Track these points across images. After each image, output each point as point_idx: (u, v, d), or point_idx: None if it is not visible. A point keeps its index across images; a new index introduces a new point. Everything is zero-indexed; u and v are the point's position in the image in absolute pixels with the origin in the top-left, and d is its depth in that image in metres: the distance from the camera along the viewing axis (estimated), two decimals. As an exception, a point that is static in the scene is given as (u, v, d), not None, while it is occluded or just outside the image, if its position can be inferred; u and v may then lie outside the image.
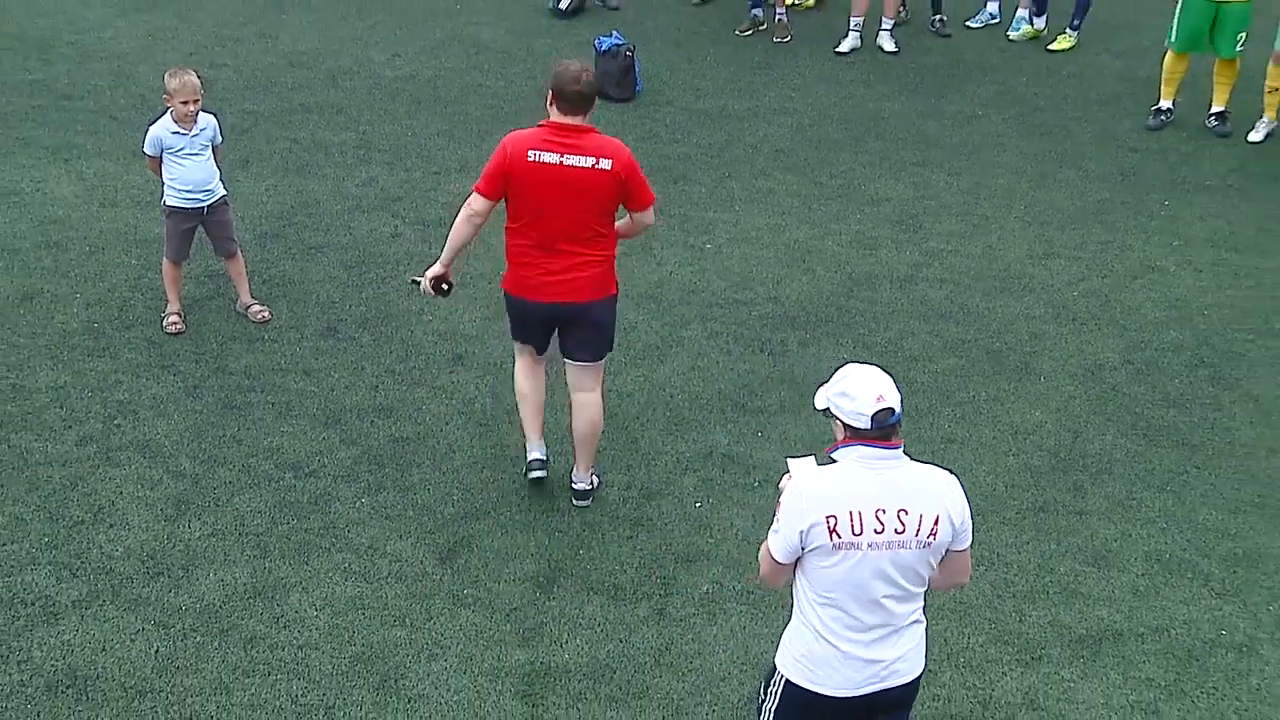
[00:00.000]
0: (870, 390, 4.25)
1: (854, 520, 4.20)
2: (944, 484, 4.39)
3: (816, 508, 4.21)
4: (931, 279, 8.90)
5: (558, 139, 6.29)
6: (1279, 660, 6.11)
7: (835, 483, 4.27)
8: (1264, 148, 10.61)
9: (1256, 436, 7.53)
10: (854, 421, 4.25)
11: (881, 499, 4.23)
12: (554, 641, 6.11)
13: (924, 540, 4.26)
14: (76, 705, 5.70)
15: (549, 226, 6.40)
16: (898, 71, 11.87)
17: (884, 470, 4.28)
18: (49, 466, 7.05)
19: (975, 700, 5.87)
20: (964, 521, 4.37)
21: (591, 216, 6.39)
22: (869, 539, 4.21)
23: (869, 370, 4.34)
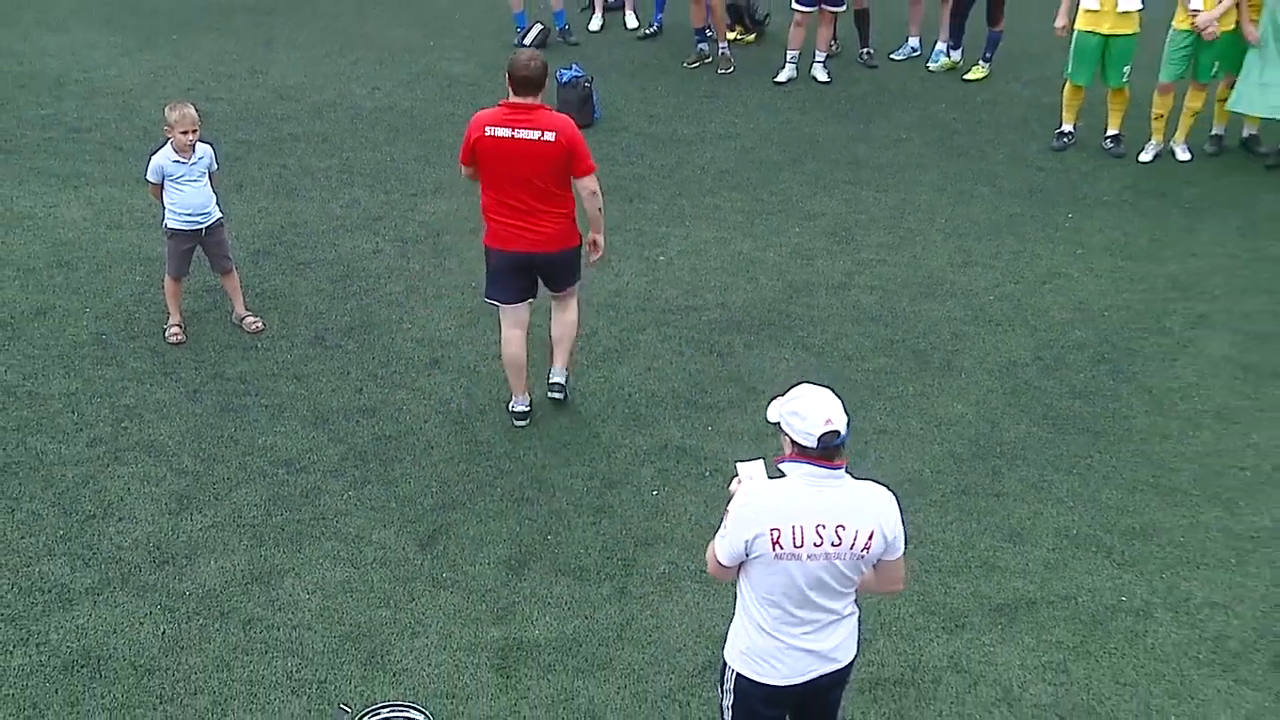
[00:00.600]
0: (820, 413, 4.19)
1: (795, 533, 4.19)
2: (880, 501, 4.33)
3: (762, 520, 4.20)
4: (863, 286, 8.91)
5: (511, 116, 6.85)
6: (1171, 622, 6.16)
7: (780, 497, 4.24)
8: (1153, 167, 10.66)
9: (1151, 424, 7.57)
10: (802, 440, 4.20)
11: (822, 515, 4.20)
12: (525, 619, 6.10)
13: (858, 553, 4.25)
14: (91, 683, 5.68)
15: (509, 188, 6.96)
16: (830, 99, 11.89)
17: (825, 488, 4.23)
18: (62, 466, 7.01)
19: (905, 665, 5.90)
20: (896, 536, 4.33)
21: (544, 179, 6.91)
22: (808, 550, 4.20)
23: (821, 393, 4.28)
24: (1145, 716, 5.66)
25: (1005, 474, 7.15)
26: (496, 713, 5.61)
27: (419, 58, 12.57)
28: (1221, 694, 5.79)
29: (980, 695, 5.75)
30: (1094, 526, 6.77)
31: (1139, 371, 8.05)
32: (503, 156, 6.86)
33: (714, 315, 8.53)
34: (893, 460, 7.22)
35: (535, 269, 7.21)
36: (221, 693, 5.67)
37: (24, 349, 7.97)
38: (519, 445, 7.27)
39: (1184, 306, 8.72)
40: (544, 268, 7.22)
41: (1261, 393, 7.84)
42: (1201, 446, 7.38)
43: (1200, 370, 8.06)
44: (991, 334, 8.41)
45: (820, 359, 8.08)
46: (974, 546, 6.62)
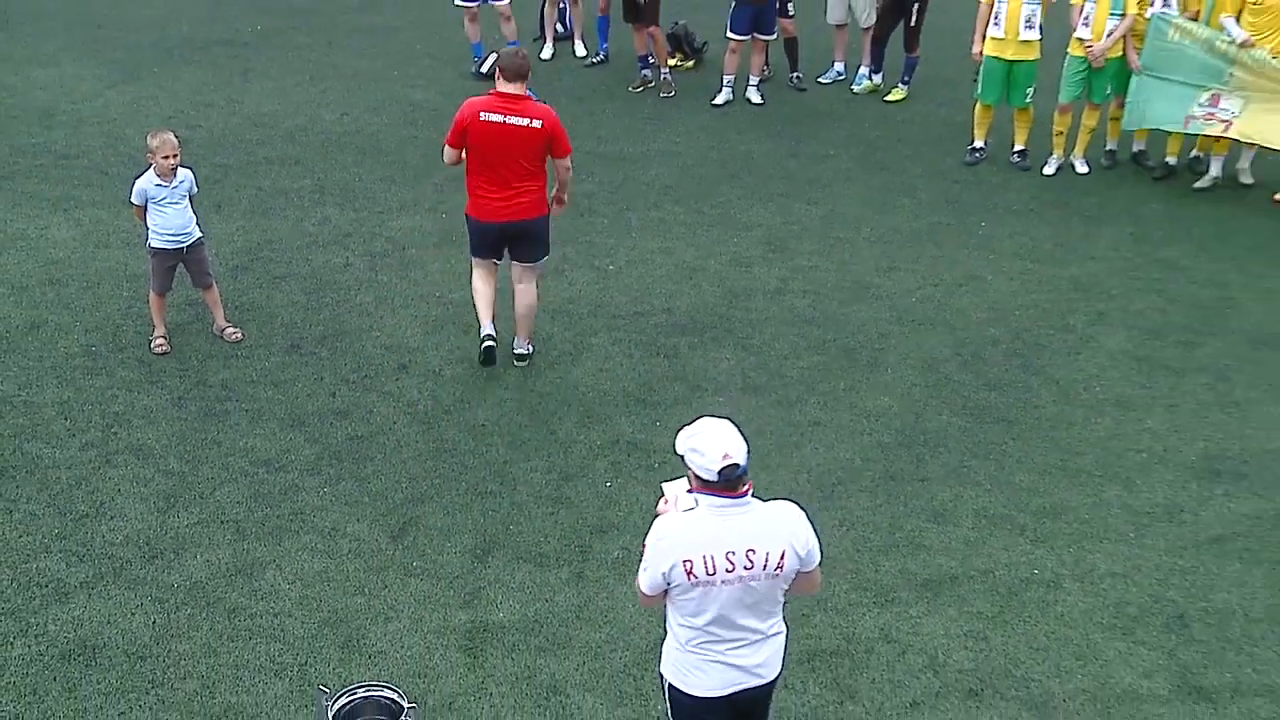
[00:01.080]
0: (718, 448, 4.07)
1: (707, 562, 4.10)
2: (789, 521, 4.24)
3: (675, 552, 4.12)
4: (797, 290, 8.94)
5: (502, 103, 7.30)
6: (1078, 591, 6.23)
7: (690, 529, 4.15)
8: (1055, 179, 10.75)
9: (1059, 412, 7.63)
10: (703, 475, 4.10)
11: (730, 543, 4.11)
12: (490, 603, 6.09)
13: (772, 573, 4.16)
14: (87, 670, 5.63)
15: (496, 166, 7.38)
16: (763, 119, 11.92)
17: (731, 517, 4.13)
18: (57, 469, 6.93)
19: (841, 637, 5.93)
20: (809, 550, 4.24)
21: (527, 160, 7.39)
22: (721, 577, 4.12)
23: (720, 427, 4.16)
24: (1056, 677, 5.72)
25: (928, 460, 7.19)
26: (465, 690, 5.60)
27: (384, 86, 12.50)
28: (1122, 654, 5.86)
29: (909, 663, 5.79)
30: (1009, 507, 6.83)
31: (1047, 365, 8.12)
32: (494, 138, 7.28)
33: (660, 320, 8.53)
34: (826, 450, 7.25)
35: (509, 237, 7.61)
36: (209, 677, 5.63)
37: (19, 361, 7.87)
38: (481, 442, 7.25)
39: (1085, 305, 8.81)
40: (517, 234, 7.59)
41: (1154, 383, 7.93)
42: (1103, 432, 7.46)
43: (1100, 363, 8.14)
44: (914, 333, 8.45)
45: (759, 358, 8.11)
46: (901, 527, 6.66)
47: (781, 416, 7.54)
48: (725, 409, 7.44)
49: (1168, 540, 6.59)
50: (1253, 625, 6.04)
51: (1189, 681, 5.72)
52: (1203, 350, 8.28)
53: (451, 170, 10.51)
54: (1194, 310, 8.75)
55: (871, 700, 5.59)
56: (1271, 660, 5.84)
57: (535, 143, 7.33)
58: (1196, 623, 6.05)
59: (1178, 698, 5.63)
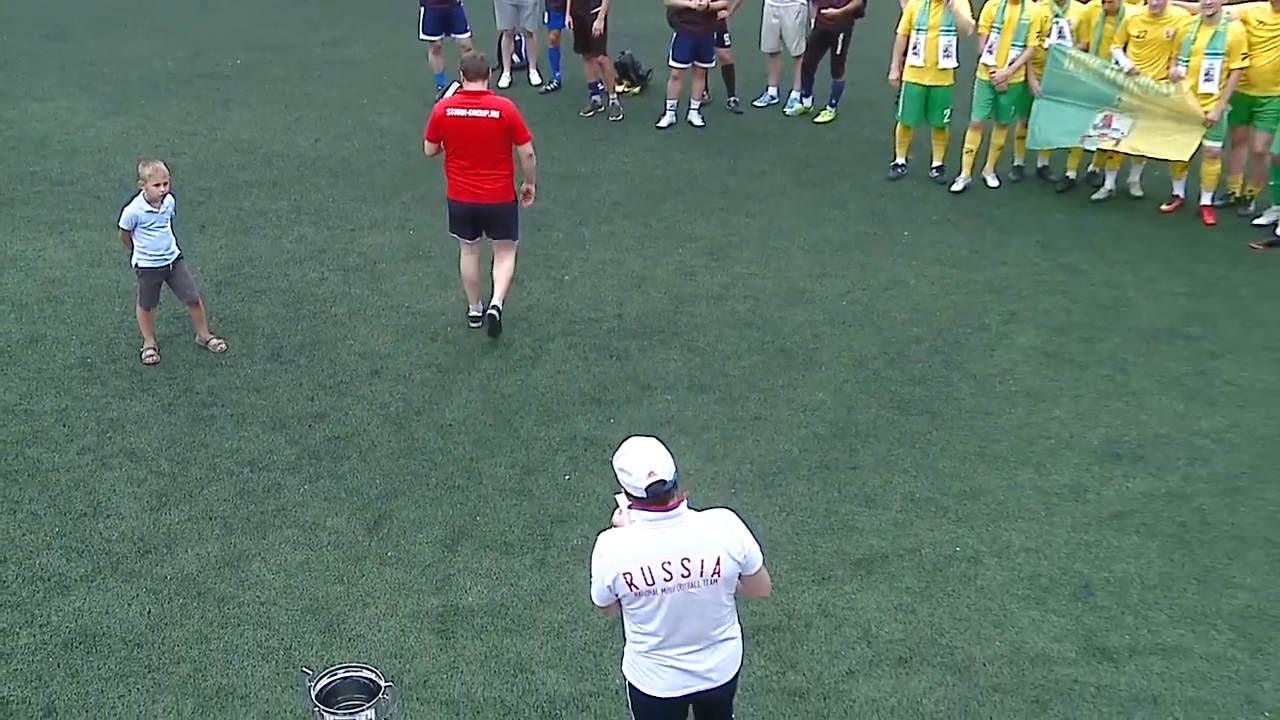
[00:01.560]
0: (643, 467, 4.01)
1: (645, 574, 4.05)
2: (722, 528, 4.14)
3: (614, 567, 4.07)
4: (737, 296, 8.97)
5: (466, 100, 7.75)
6: (996, 566, 6.29)
7: (626, 544, 4.09)
8: (969, 192, 10.80)
9: (976, 403, 7.70)
10: (634, 492, 4.04)
11: (665, 553, 4.04)
12: (460, 589, 6.09)
13: (710, 579, 4.08)
14: (88, 657, 5.60)
15: (466, 154, 7.84)
16: (704, 140, 11.96)
17: (665, 529, 4.06)
18: (56, 472, 6.87)
19: (782, 613, 5.96)
20: (746, 553, 4.15)
21: (492, 148, 7.80)
22: (661, 586, 4.06)
23: (645, 446, 4.09)
24: (977, 644, 5.78)
25: (860, 450, 7.24)
26: (438, 669, 5.60)
27: (353, 114, 12.43)
28: (1035, 622, 5.94)
29: (845, 635, 5.84)
30: (933, 490, 6.88)
31: (965, 360, 8.18)
32: (461, 130, 7.75)
33: (612, 325, 8.54)
34: (767, 442, 7.29)
35: (480, 218, 8.06)
36: (201, 661, 5.60)
37: (19, 373, 7.78)
38: (449, 440, 7.24)
39: (999, 306, 8.89)
40: (487, 216, 8.05)
41: (1061, 375, 8.03)
42: (1016, 421, 7.53)
43: (1013, 358, 8.21)
44: (845, 333, 8.50)
45: (703, 359, 8.14)
46: (836, 512, 6.70)
47: (725, 412, 7.58)
48: (673, 406, 7.53)
49: (1074, 518, 6.67)
50: (1148, 591, 6.15)
51: (1093, 644, 5.80)
52: (1102, 345, 8.39)
53: (418, 189, 10.56)
54: (1094, 309, 8.86)
55: (811, 670, 5.63)
56: (1164, 622, 5.94)
57: (497, 131, 7.74)
58: (1100, 591, 6.14)
59: (1083, 659, 5.72)
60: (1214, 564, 6.33)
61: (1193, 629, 5.91)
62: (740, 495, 6.76)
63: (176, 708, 5.37)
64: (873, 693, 5.51)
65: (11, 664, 5.58)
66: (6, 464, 6.95)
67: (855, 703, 5.46)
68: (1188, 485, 6.94)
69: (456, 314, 8.62)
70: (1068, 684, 5.57)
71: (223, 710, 5.37)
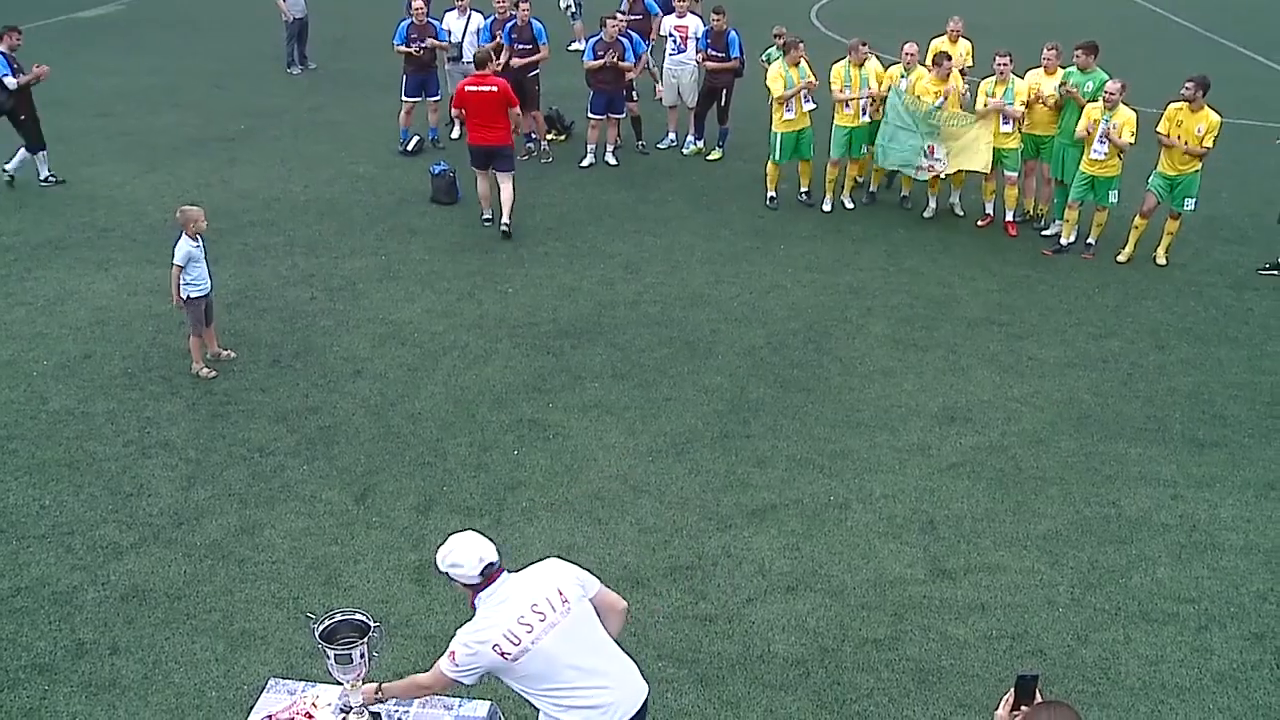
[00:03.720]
0: (472, 556, 3.61)
1: (511, 637, 3.56)
2: (549, 571, 3.73)
3: (484, 649, 3.57)
4: (649, 301, 8.99)
5: (476, 80, 9.77)
6: (861, 510, 6.40)
7: (483, 626, 3.60)
8: (832, 213, 10.94)
9: (843, 381, 7.80)
10: (470, 582, 3.62)
11: (516, 611, 3.59)
12: (432, 546, 5.85)
13: (565, 611, 3.63)
14: (140, 608, 5.57)
15: (477, 115, 9.85)
16: (619, 176, 11.94)
17: (503, 595, 3.62)
18: (108, 461, 6.74)
19: (693, 555, 6.00)
20: (582, 582, 3.73)
21: (494, 110, 9.75)
22: (534, 637, 3.57)
23: (466, 540, 3.67)
24: (848, 573, 5.88)
25: (752, 422, 7.29)
26: (417, 611, 5.56)
27: (334, 163, 12.20)
28: (893, 552, 6.06)
29: (744, 570, 5.90)
30: (811, 452, 6.96)
31: (833, 347, 8.28)
32: (473, 99, 9.78)
33: (548, 328, 8.52)
34: (677, 418, 7.32)
35: (487, 154, 9.95)
36: (228, 610, 5.55)
37: (77, 382, 7.60)
38: (419, 426, 7.18)
39: (857, 303, 9.00)
40: (492, 153, 9.94)
41: (907, 357, 8.16)
42: (874, 394, 7.64)
43: (870, 344, 8.33)
44: (737, 328, 8.56)
45: (623, 353, 8.16)
46: (734, 472, 6.75)
47: (643, 395, 7.61)
48: (600, 392, 7.55)
49: (921, 469, 6.80)
50: (977, 523, 6.30)
51: (938, 566, 5.94)
52: (938, 332, 8.54)
53: (389, 223, 10.44)
54: (930, 304, 9.01)
55: (718, 599, 5.69)
56: (989, 547, 6.10)
57: (496, 99, 9.72)
58: (941, 525, 6.28)
59: (930, 579, 5.85)
60: (1024, 499, 6.51)
61: (1009, 550, 6.07)
62: (657, 461, 6.79)
63: (211, 647, 5.31)
64: (767, 615, 5.58)
65: (84, 613, 5.53)
66: (70, 455, 6.81)
67: (754, 624, 5.52)
68: (1004, 440, 7.11)
69: (423, 323, 8.54)
70: (919, 599, 5.70)
71: (247, 649, 5.30)
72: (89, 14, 20.67)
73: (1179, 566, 5.95)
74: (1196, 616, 5.60)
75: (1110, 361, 8.12)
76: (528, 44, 11.70)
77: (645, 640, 5.36)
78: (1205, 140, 9.18)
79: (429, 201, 10.99)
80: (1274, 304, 9.10)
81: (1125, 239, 9.87)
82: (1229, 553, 6.07)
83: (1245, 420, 7.36)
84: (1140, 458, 6.92)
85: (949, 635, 5.44)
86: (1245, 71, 16.58)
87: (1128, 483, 6.67)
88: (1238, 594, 5.76)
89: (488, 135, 9.85)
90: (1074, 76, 9.84)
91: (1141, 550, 6.07)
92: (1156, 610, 5.63)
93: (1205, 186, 9.72)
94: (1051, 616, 5.58)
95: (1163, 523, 6.31)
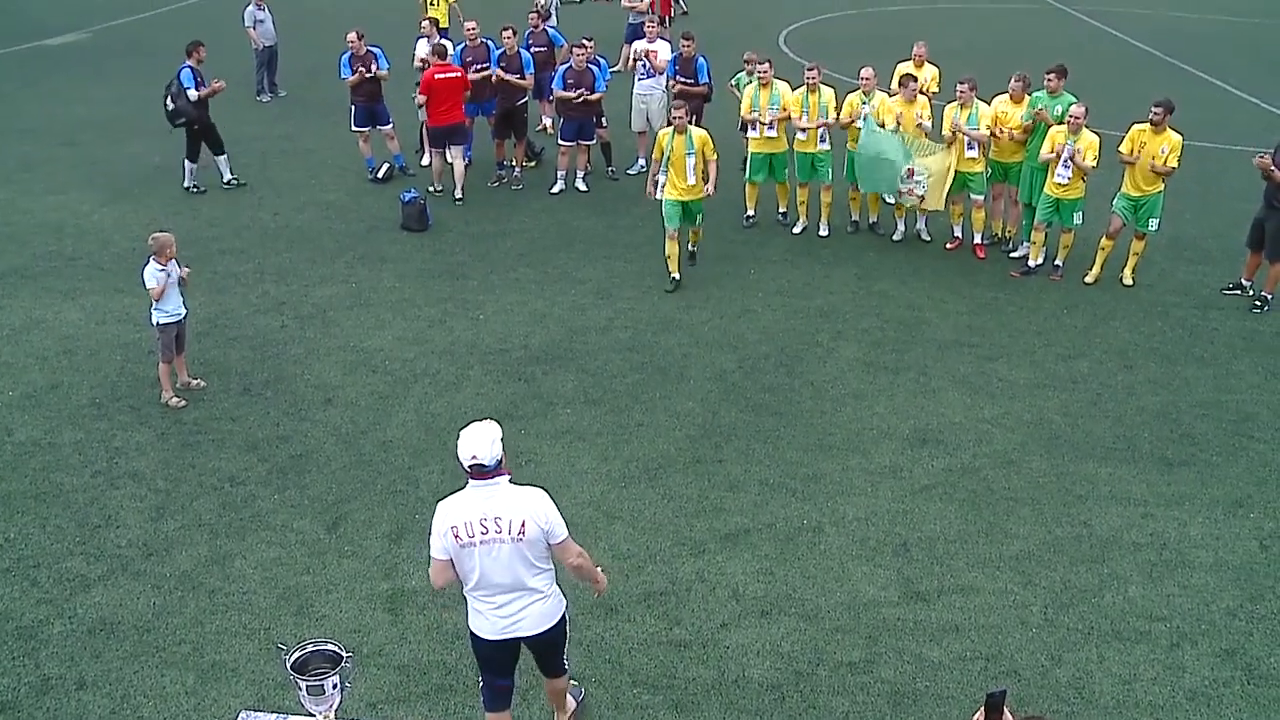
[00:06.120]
0: (467, 450, 4.14)
1: (467, 527, 4.16)
2: (530, 499, 4.26)
3: (445, 521, 4.18)
4: (621, 326, 9.02)
5: (441, 69, 11.27)
6: (835, 534, 6.43)
7: (455, 505, 4.21)
8: (803, 237, 11.01)
9: (814, 405, 7.85)
10: (463, 465, 4.18)
11: (483, 512, 4.16)
12: (404, 574, 6.03)
13: (515, 537, 4.18)
14: (108, 641, 5.52)
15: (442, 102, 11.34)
16: (588, 201, 12.00)
17: (486, 494, 4.18)
18: (75, 492, 6.70)
19: (666, 580, 6.02)
20: (550, 523, 4.25)
21: (458, 93, 11.46)
22: (479, 539, 4.16)
23: (475, 431, 4.20)
24: (822, 596, 5.91)
25: (724, 446, 7.31)
26: (390, 641, 5.54)
27: (304, 191, 12.21)
28: (866, 575, 6.09)
29: (718, 595, 5.91)
30: (783, 476, 6.98)
31: (804, 371, 8.33)
32: (442, 85, 11.27)
33: (520, 354, 8.53)
34: (649, 443, 7.34)
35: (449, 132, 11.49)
36: (198, 642, 5.51)
37: (44, 413, 7.56)
38: (391, 454, 7.16)
39: (828, 326, 9.06)
40: (453, 130, 11.52)
41: (878, 380, 8.23)
42: (846, 417, 7.69)
43: (841, 368, 8.39)
44: (708, 353, 8.59)
45: (594, 378, 8.18)
46: (707, 497, 6.77)
47: (615, 420, 7.63)
48: (572, 418, 7.57)
49: (893, 491, 6.85)
50: (950, 545, 6.35)
51: (911, 589, 5.98)
52: (909, 354, 8.62)
53: (359, 250, 10.44)
54: (901, 327, 9.09)
55: (692, 625, 5.70)
56: (962, 568, 6.16)
57: (458, 84, 11.39)
58: (915, 548, 6.32)
59: (904, 601, 5.89)
60: (996, 520, 6.58)
61: (982, 571, 6.13)
62: (630, 487, 6.81)
63: (181, 680, 5.27)
64: (742, 640, 5.59)
65: (49, 647, 5.48)
66: (36, 487, 6.75)
67: (729, 649, 5.53)
68: (975, 461, 7.19)
69: (394, 350, 8.54)
70: (893, 621, 5.73)
71: (218, 681, 5.26)
72: (55, 41, 20.59)
73: (1150, 585, 6.03)
74: (1168, 634, 5.67)
75: (1079, 382, 8.23)
76: (515, 73, 11.86)
77: (619, 667, 5.37)
78: (1170, 160, 9.38)
79: (399, 229, 11.00)
80: (1239, 323, 9.27)
81: (1092, 260, 10.03)
82: (1199, 570, 6.16)
83: (1213, 439, 7.48)
84: (1110, 477, 7.01)
85: (923, 657, 5.48)
86: (1203, 95, 16.97)
87: (1098, 502, 6.76)
88: (1208, 611, 5.84)
89: (450, 115, 11.37)
90: (1043, 99, 10.04)
91: (1113, 569, 6.15)
92: (1129, 629, 5.70)
93: (1169, 207, 9.92)
94: (1025, 637, 5.63)
95: (1134, 541, 6.39)
